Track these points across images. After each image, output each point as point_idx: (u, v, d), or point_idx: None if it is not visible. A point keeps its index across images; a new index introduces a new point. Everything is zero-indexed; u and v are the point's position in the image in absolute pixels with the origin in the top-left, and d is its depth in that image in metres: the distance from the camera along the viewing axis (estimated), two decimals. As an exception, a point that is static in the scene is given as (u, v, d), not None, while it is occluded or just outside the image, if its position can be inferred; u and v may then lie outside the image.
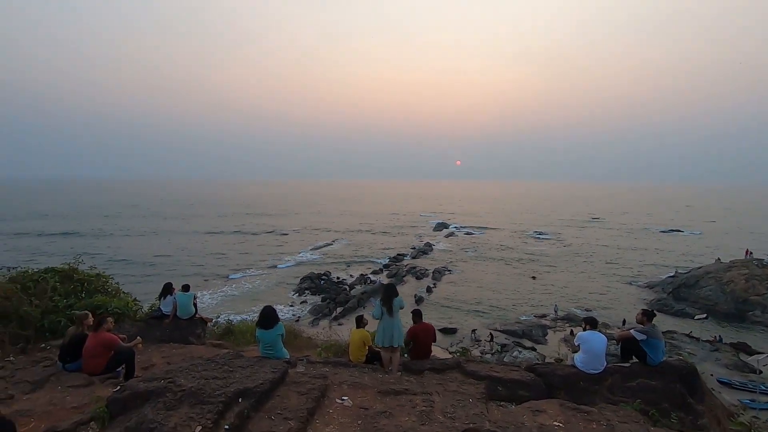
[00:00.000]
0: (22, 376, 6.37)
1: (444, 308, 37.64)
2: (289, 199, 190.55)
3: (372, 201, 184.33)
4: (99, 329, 6.51)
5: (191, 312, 9.91)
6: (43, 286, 8.98)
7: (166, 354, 8.40)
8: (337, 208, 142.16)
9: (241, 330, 12.75)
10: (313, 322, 33.84)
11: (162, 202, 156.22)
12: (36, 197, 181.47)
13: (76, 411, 5.31)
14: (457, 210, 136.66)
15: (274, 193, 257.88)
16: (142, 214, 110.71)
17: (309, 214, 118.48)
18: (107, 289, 10.37)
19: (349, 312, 35.92)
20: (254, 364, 5.68)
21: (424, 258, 58.74)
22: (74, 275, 9.89)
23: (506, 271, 51.49)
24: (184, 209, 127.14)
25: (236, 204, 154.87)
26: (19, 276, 9.27)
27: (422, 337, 7.58)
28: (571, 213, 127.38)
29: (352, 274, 49.25)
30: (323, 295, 40.54)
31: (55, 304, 8.83)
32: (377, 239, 75.27)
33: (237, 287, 43.38)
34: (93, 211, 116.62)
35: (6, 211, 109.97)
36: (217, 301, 37.89)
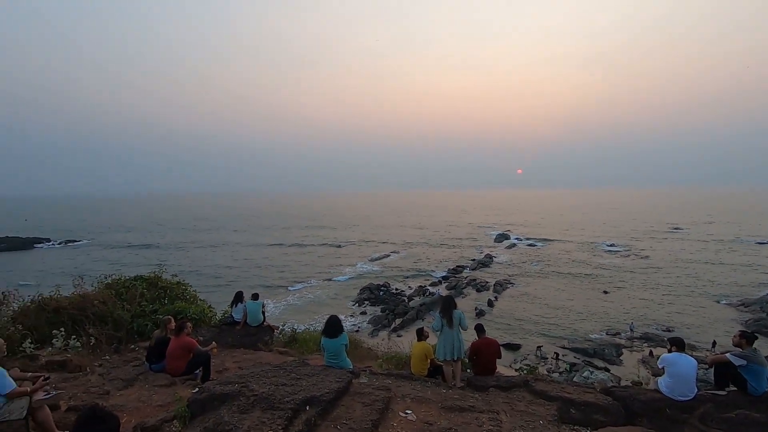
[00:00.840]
0: (116, 374, 7.05)
1: (506, 323, 36.20)
2: (348, 212, 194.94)
3: (430, 212, 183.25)
4: (180, 333, 7.04)
5: (260, 320, 10.41)
6: (133, 293, 9.93)
7: (237, 359, 8.88)
8: (395, 219, 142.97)
9: (305, 338, 13.14)
10: (373, 332, 34.08)
11: (230, 216, 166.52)
12: (120, 212, 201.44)
13: (161, 408, 5.76)
14: (518, 221, 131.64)
15: (334, 205, 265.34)
16: (213, 227, 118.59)
17: (367, 226, 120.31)
18: (186, 296, 11.22)
19: (408, 324, 35.74)
20: (320, 372, 5.82)
21: (484, 270, 57.14)
22: (158, 283, 10.84)
23: (574, 286, 48.51)
24: (250, 222, 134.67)
25: (299, 217, 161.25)
26: (114, 283, 10.33)
27: (486, 353, 7.34)
28: (646, 223, 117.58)
29: (411, 285, 49.11)
30: (382, 306, 40.77)
31: (142, 308, 9.71)
32: (435, 251, 74.50)
33: (299, 297, 44.95)
34: (168, 224, 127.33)
35: (98, 226, 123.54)
36: (280, 310, 39.48)
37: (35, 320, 8.09)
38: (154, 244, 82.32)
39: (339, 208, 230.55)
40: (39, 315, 8.24)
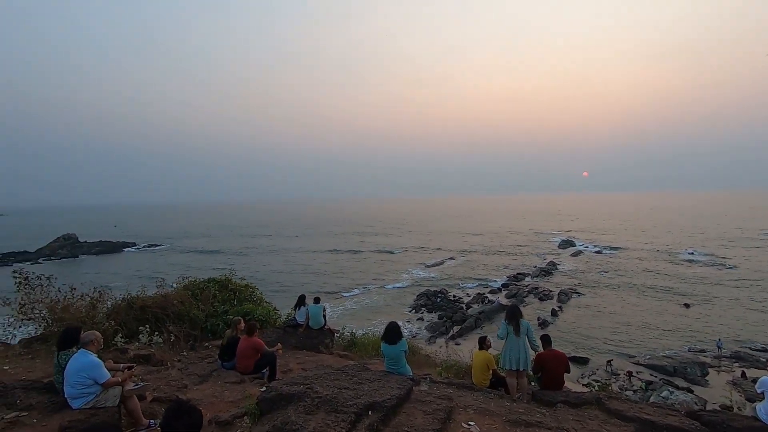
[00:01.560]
0: (193, 369, 7.58)
1: (572, 335, 34.18)
2: (401, 218, 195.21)
3: (486, 218, 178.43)
4: (250, 333, 7.43)
5: (321, 323, 10.71)
6: (207, 294, 10.66)
7: (300, 360, 9.19)
8: (449, 225, 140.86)
9: (364, 343, 13.31)
10: (430, 339, 33.73)
11: (286, 223, 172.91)
12: (194, 219, 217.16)
13: (232, 405, 6.10)
14: (584, 226, 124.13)
15: (386, 211, 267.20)
16: (271, 233, 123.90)
17: (420, 232, 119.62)
18: (253, 299, 11.85)
19: (467, 332, 34.96)
20: (381, 378, 5.86)
21: (547, 278, 54.50)
22: (229, 285, 11.56)
23: (649, 298, 44.74)
24: (305, 229, 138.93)
25: (352, 223, 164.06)
26: (190, 284, 11.17)
27: (553, 366, 6.96)
28: (734, 228, 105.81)
29: (469, 293, 48.06)
30: (439, 313, 40.26)
31: (215, 309, 10.39)
32: (493, 258, 72.33)
33: (355, 302, 45.65)
34: (233, 230, 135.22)
35: (175, 231, 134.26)
36: (337, 315, 40.33)
37: (125, 317, 8.95)
38: (220, 250, 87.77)
39: (391, 214, 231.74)
40: (128, 312, 9.11)
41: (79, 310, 8.38)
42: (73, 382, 5.01)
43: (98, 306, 8.81)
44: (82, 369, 5.02)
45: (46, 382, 5.68)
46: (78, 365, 5.03)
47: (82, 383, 5.02)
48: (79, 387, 5.02)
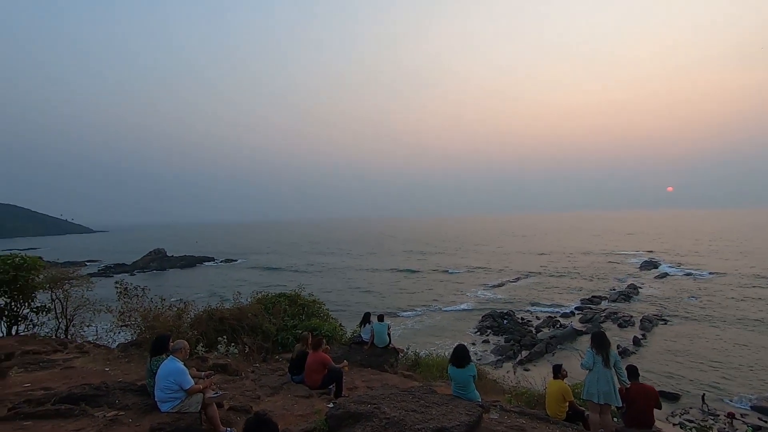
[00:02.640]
0: (265, 381, 7.91)
1: (658, 367, 30.81)
2: (465, 236, 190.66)
3: (556, 236, 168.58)
4: (317, 349, 7.61)
5: (386, 341, 10.70)
6: (278, 308, 11.15)
7: (366, 378, 9.22)
8: (516, 244, 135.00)
9: (428, 363, 13.05)
10: (497, 363, 32.23)
11: (350, 240, 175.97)
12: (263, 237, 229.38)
13: (301, 418, 6.25)
14: (669, 246, 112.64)
15: (450, 229, 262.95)
16: (335, 251, 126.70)
17: (485, 251, 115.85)
18: (320, 314, 12.17)
19: (536, 357, 32.95)
20: (448, 402, 5.68)
21: (627, 303, 49.99)
22: (298, 300, 12.00)
23: (753, 329, 39.22)
24: (368, 247, 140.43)
25: (415, 241, 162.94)
26: (263, 299, 11.77)
27: (641, 401, 6.30)
28: None
29: (538, 315, 45.45)
30: (506, 336, 38.43)
31: (285, 323, 10.82)
32: (565, 279, 67.95)
33: (417, 321, 45.05)
34: (300, 248, 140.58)
35: (249, 248, 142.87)
36: (398, 334, 40.00)
37: (206, 327, 9.62)
38: (288, 266, 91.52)
39: (450, 232, 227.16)
40: (208, 323, 9.78)
41: (167, 320, 9.17)
42: (163, 387, 5.45)
43: (183, 316, 9.57)
44: (170, 374, 5.45)
45: (139, 385, 6.23)
46: (167, 371, 5.46)
47: (169, 388, 5.45)
48: (167, 391, 5.45)
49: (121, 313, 9.42)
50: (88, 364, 8.60)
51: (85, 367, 8.42)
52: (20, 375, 7.79)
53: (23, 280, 11.16)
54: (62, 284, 12.16)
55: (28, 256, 12.03)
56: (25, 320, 11.90)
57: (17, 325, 11.77)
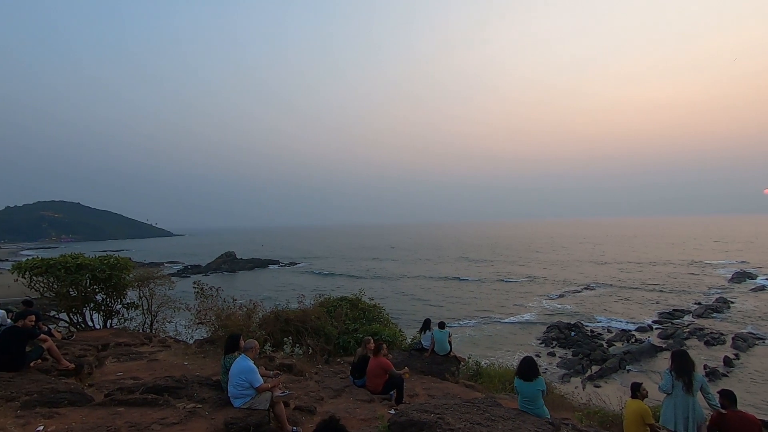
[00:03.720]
0: (328, 383, 8.09)
1: (757, 393, 27.34)
2: (526, 242, 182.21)
3: (629, 244, 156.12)
4: (378, 354, 7.65)
5: (447, 349, 10.51)
6: (340, 312, 11.39)
7: (426, 386, 9.10)
8: (587, 252, 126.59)
9: (490, 374, 12.62)
10: (563, 378, 30.42)
11: (410, 246, 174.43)
12: (324, 241, 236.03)
13: (363, 422, 6.29)
14: (764, 257, 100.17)
15: (510, 235, 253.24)
16: (393, 257, 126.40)
17: (548, 259, 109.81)
18: (381, 319, 12.26)
19: (608, 373, 30.63)
20: (515, 417, 5.43)
21: (715, 318, 44.94)
22: (359, 304, 12.18)
23: None
24: (426, 253, 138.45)
25: (473, 246, 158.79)
26: (325, 302, 12.09)
27: (738, 431, 5.57)
28: None
29: (610, 329, 42.31)
30: (574, 349, 36.17)
31: (346, 326, 11.02)
32: (642, 290, 62.68)
33: (477, 330, 43.81)
34: (359, 253, 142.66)
35: (311, 252, 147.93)
36: (457, 342, 39.05)
37: (273, 327, 10.06)
38: (347, 271, 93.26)
39: (511, 238, 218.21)
40: (275, 324, 10.23)
41: (238, 319, 9.73)
42: (235, 383, 5.76)
43: (252, 316, 10.10)
44: (242, 372, 5.75)
45: (215, 380, 6.64)
46: (239, 368, 5.77)
47: (241, 385, 5.75)
48: (239, 388, 5.75)
49: (198, 312, 10.15)
50: (169, 357, 9.34)
51: (167, 360, 9.16)
52: (114, 364, 8.65)
53: (117, 278, 12.43)
54: (148, 283, 13.38)
55: (120, 257, 13.39)
56: (117, 315, 13.23)
57: (111, 318, 13.11)
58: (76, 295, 12.37)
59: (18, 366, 6.25)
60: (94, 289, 12.64)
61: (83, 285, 12.33)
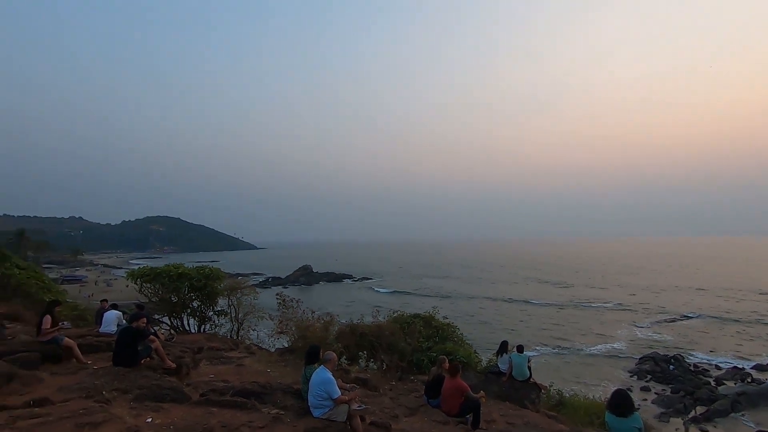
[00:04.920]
0: (402, 400, 8.04)
1: None
2: (607, 262, 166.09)
3: (738, 266, 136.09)
4: (455, 374, 7.46)
5: (526, 374, 9.94)
6: (413, 328, 11.34)
7: (504, 412, 8.66)
8: (681, 275, 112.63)
9: (574, 405, 11.69)
10: (661, 417, 27.08)
11: (481, 265, 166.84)
12: (397, 257, 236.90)
13: (439, 445, 6.15)
14: None
15: (586, 254, 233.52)
16: (463, 275, 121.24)
17: (637, 282, 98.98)
18: (455, 338, 11.97)
19: (717, 415, 26.65)
20: (608, 455, 4.95)
21: None
22: (432, 322, 12.03)
23: None
24: (488, 272, 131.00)
25: (548, 266, 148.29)
26: (399, 318, 12.12)
27: None
28: None
29: (719, 365, 36.97)
30: (673, 385, 32.09)
31: (420, 344, 10.92)
32: (760, 324, 54.12)
33: (558, 357, 40.81)
34: (431, 270, 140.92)
35: (382, 268, 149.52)
36: (534, 368, 36.52)
37: (348, 341, 10.30)
38: (418, 287, 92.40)
39: (588, 257, 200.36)
40: (350, 337, 10.47)
41: (316, 330, 10.11)
42: (314, 393, 5.97)
43: (329, 329, 10.44)
44: (321, 383, 5.94)
45: (296, 389, 6.93)
46: (318, 379, 5.98)
47: (320, 395, 5.94)
48: (318, 399, 5.94)
49: (280, 322, 10.73)
50: (254, 364, 9.94)
51: (252, 366, 9.76)
52: (207, 367, 9.41)
53: (210, 287, 13.63)
54: (236, 292, 14.48)
55: (213, 267, 14.70)
56: (209, 321, 14.46)
57: (204, 324, 14.35)
58: (177, 301, 13.77)
59: (131, 362, 7.07)
60: (190, 297, 13.97)
61: (182, 292, 13.70)
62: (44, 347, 7.66)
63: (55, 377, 6.74)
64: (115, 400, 5.72)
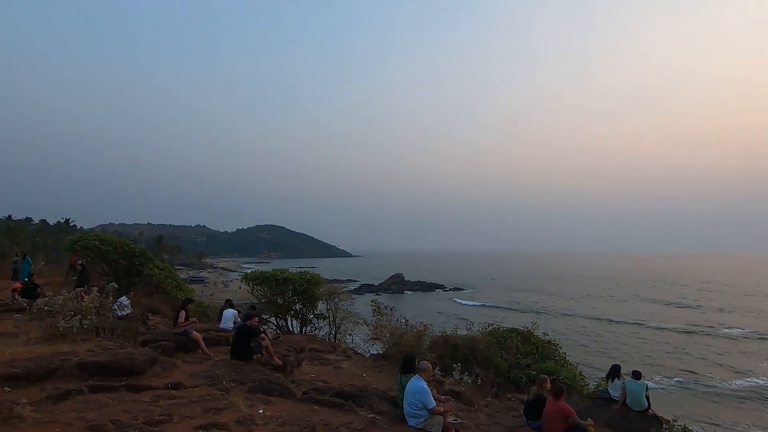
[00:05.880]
0: (499, 418, 7.70)
1: None
2: (733, 280, 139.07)
3: None
4: (559, 397, 6.92)
5: (644, 405, 8.82)
6: (510, 343, 10.81)
7: (617, 445, 7.79)
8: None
9: (705, 447, 10.03)
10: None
11: (586, 280, 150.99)
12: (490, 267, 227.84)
13: (541, 471, 5.74)
14: None
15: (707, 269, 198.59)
16: (564, 291, 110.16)
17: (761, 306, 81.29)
18: (556, 357, 11.13)
19: None
20: None
21: None
22: (531, 338, 11.34)
23: None
24: (613, 288, 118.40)
25: (673, 286, 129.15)
26: (494, 331, 11.66)
27: None
28: None
29: None
30: None
31: (517, 360, 10.36)
32: None
33: (681, 389, 35.26)
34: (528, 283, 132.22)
35: (475, 279, 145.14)
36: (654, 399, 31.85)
37: (441, 351, 10.18)
38: (514, 300, 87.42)
39: (708, 273, 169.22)
40: (443, 348, 10.34)
41: (409, 339, 10.18)
42: (410, 402, 6.00)
43: (423, 338, 10.44)
44: (416, 392, 5.95)
45: (390, 396, 7.04)
46: (413, 388, 6.00)
47: (415, 405, 5.95)
48: (413, 407, 5.96)
49: (374, 328, 11.02)
50: (350, 367, 10.34)
51: (348, 369, 10.16)
52: (308, 366, 10.03)
53: (311, 291, 14.59)
54: (334, 297, 15.27)
55: (313, 273, 15.71)
56: (310, 323, 15.43)
57: (306, 326, 15.35)
58: (282, 303, 14.97)
59: (246, 357, 7.85)
60: (294, 299, 15.09)
61: (287, 295, 14.86)
62: (178, 338, 8.89)
63: (186, 365, 7.76)
64: (233, 390, 6.39)
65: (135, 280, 15.71)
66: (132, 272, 15.93)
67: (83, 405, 5.00)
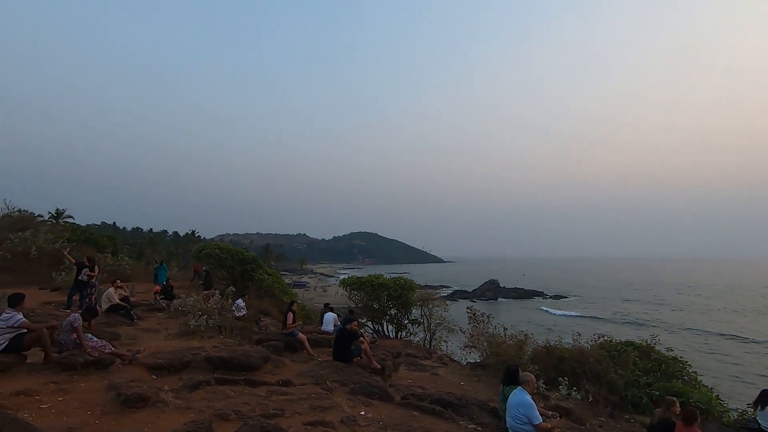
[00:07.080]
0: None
1: None
2: None
3: None
4: (691, 423, 6.02)
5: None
6: (625, 358, 9.70)
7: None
8: None
9: None
10: None
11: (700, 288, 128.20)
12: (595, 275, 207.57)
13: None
14: None
15: None
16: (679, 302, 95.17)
17: None
18: (684, 377, 9.72)
19: None
20: None
21: None
22: (651, 354, 10.06)
23: None
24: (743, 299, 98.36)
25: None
26: (606, 344, 10.58)
27: None
28: None
29: None
30: None
31: (636, 378, 9.24)
32: None
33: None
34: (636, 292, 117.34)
35: (582, 285, 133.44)
36: None
37: (545, 363, 9.52)
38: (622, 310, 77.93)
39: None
40: (547, 360, 9.66)
41: (509, 349, 9.71)
42: (513, 415, 5.70)
43: (524, 348, 9.88)
44: (520, 405, 5.64)
45: (491, 407, 6.77)
46: (517, 401, 5.69)
47: (519, 419, 5.63)
48: (517, 421, 5.65)
49: (471, 336, 10.73)
50: (447, 375, 10.18)
51: (445, 377, 10.01)
52: (405, 371, 10.11)
53: (405, 297, 14.75)
54: (428, 303, 15.24)
55: (407, 278, 15.87)
56: (405, 328, 15.58)
57: (401, 331, 15.53)
58: (378, 308, 15.35)
59: (347, 359, 8.19)
60: (389, 305, 15.38)
61: (382, 300, 15.21)
62: (286, 338, 9.62)
63: (294, 363, 8.36)
64: (336, 390, 6.69)
65: (248, 284, 17.38)
66: (245, 277, 17.66)
67: (211, 395, 5.66)
